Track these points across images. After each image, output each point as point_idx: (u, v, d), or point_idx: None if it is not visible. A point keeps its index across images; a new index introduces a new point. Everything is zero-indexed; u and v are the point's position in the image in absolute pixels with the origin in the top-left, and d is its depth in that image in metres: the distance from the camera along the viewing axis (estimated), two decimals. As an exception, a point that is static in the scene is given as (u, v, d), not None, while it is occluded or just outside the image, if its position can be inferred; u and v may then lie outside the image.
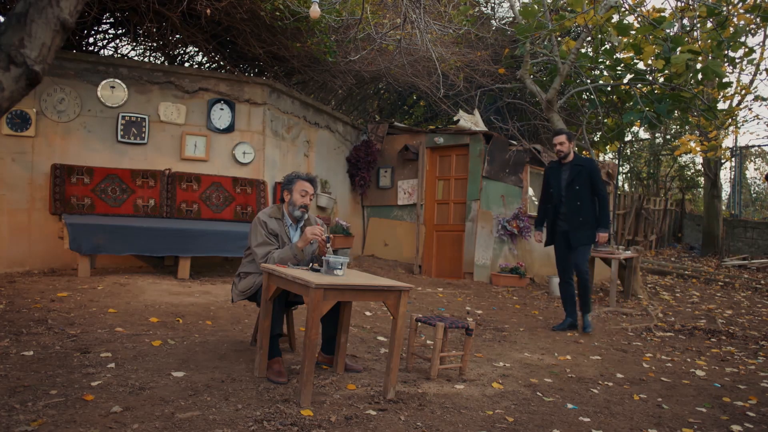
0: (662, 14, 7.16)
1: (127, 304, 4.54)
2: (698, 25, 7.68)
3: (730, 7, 6.99)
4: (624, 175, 19.02)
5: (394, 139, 8.98)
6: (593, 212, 5.20)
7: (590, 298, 5.28)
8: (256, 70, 8.01)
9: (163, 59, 7.77)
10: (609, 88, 8.11)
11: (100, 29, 7.20)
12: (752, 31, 8.25)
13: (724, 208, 15.37)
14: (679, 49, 6.74)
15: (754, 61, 9.70)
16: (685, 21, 7.65)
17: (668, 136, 17.34)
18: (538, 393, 3.37)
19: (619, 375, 3.93)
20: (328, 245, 3.34)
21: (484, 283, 7.76)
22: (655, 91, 7.58)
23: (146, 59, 7.88)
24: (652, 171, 18.51)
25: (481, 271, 7.91)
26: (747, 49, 7.73)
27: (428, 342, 4.34)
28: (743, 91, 9.90)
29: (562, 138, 5.26)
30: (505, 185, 8.15)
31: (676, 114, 8.99)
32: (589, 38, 7.90)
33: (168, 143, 6.55)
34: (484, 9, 9.97)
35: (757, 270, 11.40)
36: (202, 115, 6.72)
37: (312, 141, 8.05)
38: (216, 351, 3.56)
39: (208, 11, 5.64)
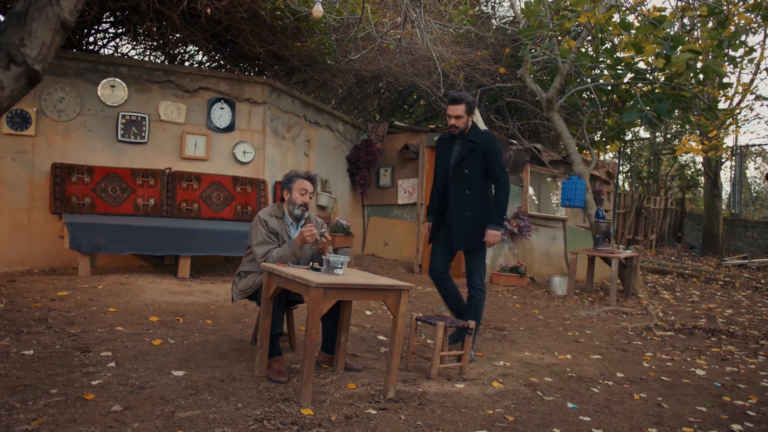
0: (663, 13, 7.15)
1: (127, 303, 4.54)
2: (699, 25, 7.68)
3: (730, 7, 6.99)
4: (624, 175, 19.02)
5: (394, 139, 8.98)
6: (487, 205, 4.00)
7: (479, 322, 4.02)
8: (257, 69, 8.01)
9: (163, 58, 7.77)
10: (609, 88, 8.10)
11: (100, 28, 7.20)
12: (753, 30, 8.24)
13: (724, 207, 15.38)
14: (679, 48, 6.73)
15: (755, 61, 9.70)
16: (686, 20, 7.65)
17: (669, 136, 17.34)
18: (538, 392, 3.37)
19: (619, 374, 3.93)
20: (322, 238, 3.34)
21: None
22: (656, 91, 7.58)
23: (146, 58, 7.88)
24: (652, 170, 18.51)
25: (482, 271, 7.90)
26: (747, 49, 7.72)
27: (428, 341, 4.34)
28: (744, 91, 9.90)
29: (460, 109, 3.89)
30: (506, 184, 8.14)
31: (676, 113, 8.98)
32: (590, 37, 7.89)
33: (168, 142, 6.55)
34: (484, 8, 9.96)
35: (757, 269, 11.40)
36: (202, 115, 6.72)
37: (312, 140, 8.05)
38: (216, 350, 3.56)
39: (209, 10, 5.64)
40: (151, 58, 7.94)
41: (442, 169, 4.07)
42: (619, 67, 7.68)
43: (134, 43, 7.61)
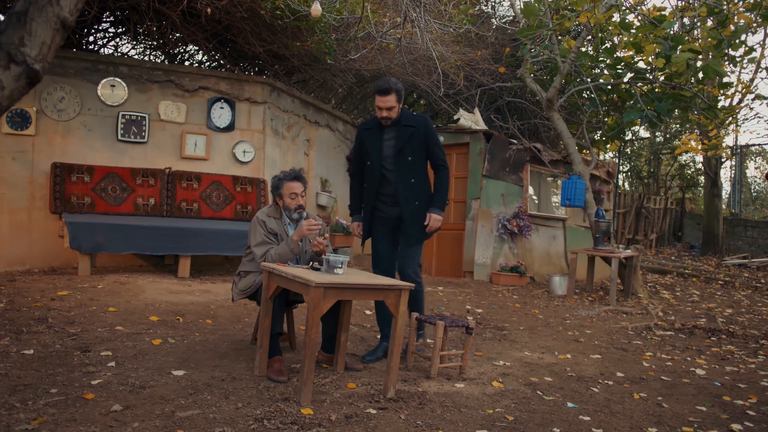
0: (662, 13, 7.15)
1: (127, 302, 4.54)
2: (698, 24, 7.68)
3: (730, 6, 6.98)
4: (624, 174, 19.02)
5: (394, 138, 8.96)
6: (431, 191, 3.81)
7: (423, 313, 3.88)
8: (257, 68, 8.01)
9: (163, 58, 7.77)
10: (609, 87, 8.10)
11: (100, 28, 7.21)
12: (753, 30, 8.24)
13: (724, 206, 15.38)
14: (679, 48, 6.73)
15: (755, 60, 9.70)
16: (686, 20, 7.64)
17: (669, 135, 17.35)
18: (538, 392, 3.37)
19: (619, 374, 3.93)
20: (321, 238, 3.35)
21: (484, 281, 7.75)
22: (656, 90, 7.58)
23: (146, 58, 7.88)
24: (652, 170, 18.52)
25: (481, 270, 7.91)
26: (747, 48, 7.72)
27: (428, 341, 4.34)
28: (744, 90, 9.90)
29: (391, 100, 3.58)
30: (506, 184, 8.15)
31: (676, 113, 8.98)
32: (590, 37, 7.89)
33: (168, 142, 6.55)
34: (484, 8, 9.96)
35: (757, 269, 11.40)
36: (202, 114, 6.72)
37: (312, 140, 8.05)
38: (216, 350, 3.56)
39: (209, 10, 5.64)
40: (151, 57, 7.94)
41: (374, 160, 3.74)
42: (619, 66, 7.68)
43: (134, 42, 7.62)
